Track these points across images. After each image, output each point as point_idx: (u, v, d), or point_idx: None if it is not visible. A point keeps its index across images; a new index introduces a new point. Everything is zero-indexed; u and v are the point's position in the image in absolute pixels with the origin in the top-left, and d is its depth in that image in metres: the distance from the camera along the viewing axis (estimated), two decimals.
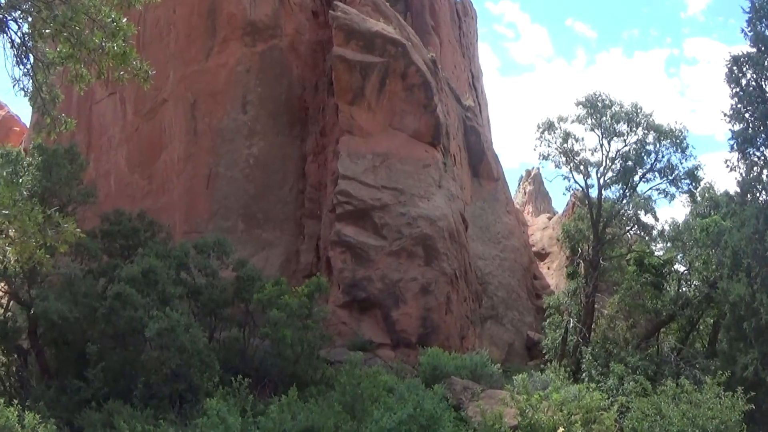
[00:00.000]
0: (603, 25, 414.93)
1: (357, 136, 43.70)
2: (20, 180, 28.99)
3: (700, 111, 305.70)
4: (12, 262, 15.55)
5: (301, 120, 48.16)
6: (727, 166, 37.63)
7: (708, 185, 44.61)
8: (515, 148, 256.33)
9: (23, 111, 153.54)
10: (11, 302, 33.03)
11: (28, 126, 77.83)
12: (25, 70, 15.18)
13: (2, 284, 32.91)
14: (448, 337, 39.84)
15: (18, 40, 14.80)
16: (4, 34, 14.70)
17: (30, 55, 15.11)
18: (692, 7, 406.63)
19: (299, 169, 47.12)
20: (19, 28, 14.77)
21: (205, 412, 24.10)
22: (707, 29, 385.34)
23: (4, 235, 15.04)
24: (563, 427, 19.11)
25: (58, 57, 14.97)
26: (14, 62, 15.14)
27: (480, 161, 60.07)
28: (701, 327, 42.75)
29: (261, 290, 33.38)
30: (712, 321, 41.25)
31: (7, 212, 14.04)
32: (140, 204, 44.63)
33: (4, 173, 29.82)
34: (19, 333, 32.11)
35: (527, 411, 20.45)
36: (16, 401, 23.95)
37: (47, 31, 14.12)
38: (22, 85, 15.58)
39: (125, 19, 14.39)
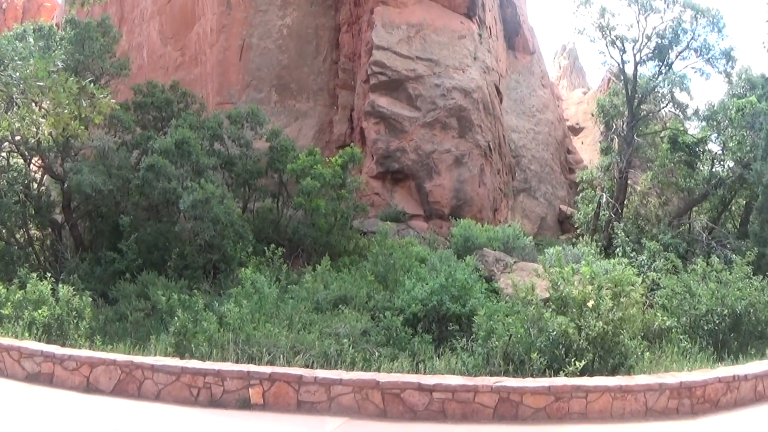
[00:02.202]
0: None
1: (391, 6, 43.20)
2: (53, 53, 28.95)
3: None
4: (46, 134, 15.61)
5: None
6: (765, 47, 36.93)
7: (745, 67, 43.86)
8: (551, 22, 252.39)
9: None
10: (45, 176, 33.20)
11: (58, 1, 77.51)
12: None
13: (36, 158, 33.10)
14: (480, 209, 39.94)
15: None
16: None
17: None
18: None
19: (333, 39, 46.76)
20: None
21: (239, 282, 24.37)
22: None
23: (38, 108, 15.08)
24: (593, 301, 19.20)
25: None
26: None
27: (516, 34, 59.32)
28: (733, 208, 42.37)
29: (294, 160, 33.49)
30: (744, 202, 40.90)
31: (42, 84, 14.08)
32: (173, 76, 44.62)
33: (37, 47, 29.74)
34: (53, 206, 32.37)
35: (559, 284, 20.51)
36: (50, 274, 24.26)
37: None
38: None
39: None
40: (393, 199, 39.75)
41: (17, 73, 14.33)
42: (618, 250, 35.84)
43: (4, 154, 32.32)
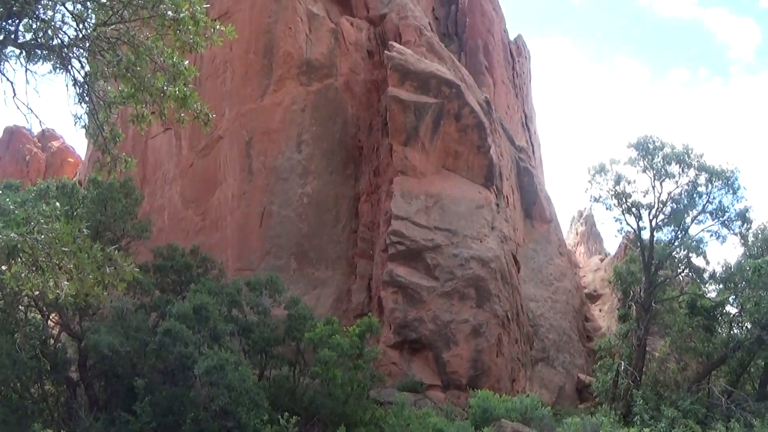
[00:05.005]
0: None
1: (410, 176, 43.83)
2: (75, 213, 29.39)
3: (751, 150, 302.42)
4: (65, 295, 15.69)
5: (355, 159, 48.36)
6: None
7: (762, 226, 44.11)
8: (568, 188, 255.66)
9: (77, 142, 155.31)
10: (62, 333, 33.42)
11: (81, 157, 78.92)
12: (87, 108, 15.39)
13: (54, 315, 33.31)
14: (498, 380, 39.67)
15: (80, 79, 14.99)
16: (67, 73, 14.89)
17: (92, 93, 15.30)
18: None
19: (352, 208, 47.25)
20: (82, 67, 14.95)
21: None
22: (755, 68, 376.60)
23: (62, 270, 15.18)
24: None
25: (120, 97, 15.15)
26: (76, 100, 15.34)
27: (533, 203, 59.99)
28: (752, 369, 42.31)
29: (312, 329, 33.49)
30: (763, 363, 40.88)
31: (66, 249, 14.20)
32: (193, 240, 45.00)
33: (62, 208, 30.14)
34: (69, 364, 32.50)
35: None
36: None
37: (110, 71, 14.29)
38: (83, 123, 15.80)
39: (186, 62, 14.54)
40: (410, 368, 39.51)
41: (42, 236, 14.48)
42: (636, 418, 35.54)
43: (22, 308, 32.47)
